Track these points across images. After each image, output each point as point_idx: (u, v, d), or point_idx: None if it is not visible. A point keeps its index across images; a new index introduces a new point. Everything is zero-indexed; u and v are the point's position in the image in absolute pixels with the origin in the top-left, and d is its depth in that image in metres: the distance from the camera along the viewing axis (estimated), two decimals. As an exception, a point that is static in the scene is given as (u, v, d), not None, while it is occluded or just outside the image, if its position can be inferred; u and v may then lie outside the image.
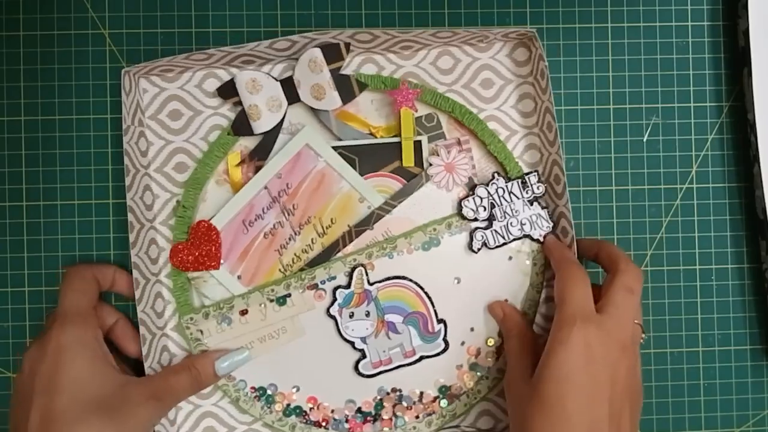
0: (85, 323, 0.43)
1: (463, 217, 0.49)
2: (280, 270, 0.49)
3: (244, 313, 0.49)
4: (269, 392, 0.49)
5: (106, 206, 0.50)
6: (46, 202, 0.49)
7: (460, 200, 0.49)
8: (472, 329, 0.50)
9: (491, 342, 0.50)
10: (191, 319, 0.48)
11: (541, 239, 0.49)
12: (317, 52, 0.47)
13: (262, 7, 0.50)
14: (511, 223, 0.49)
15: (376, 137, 0.50)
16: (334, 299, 0.49)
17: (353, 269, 0.49)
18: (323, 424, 0.49)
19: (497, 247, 0.49)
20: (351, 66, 0.50)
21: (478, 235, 0.49)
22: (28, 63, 0.49)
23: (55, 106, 0.50)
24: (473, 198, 0.49)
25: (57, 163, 0.50)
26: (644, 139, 0.51)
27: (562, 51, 0.51)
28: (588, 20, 0.51)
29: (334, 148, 0.49)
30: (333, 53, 0.48)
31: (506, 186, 0.49)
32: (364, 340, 0.49)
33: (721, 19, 0.52)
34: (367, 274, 0.49)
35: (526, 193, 0.49)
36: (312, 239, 0.49)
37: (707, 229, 0.52)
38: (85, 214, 0.50)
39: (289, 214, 0.49)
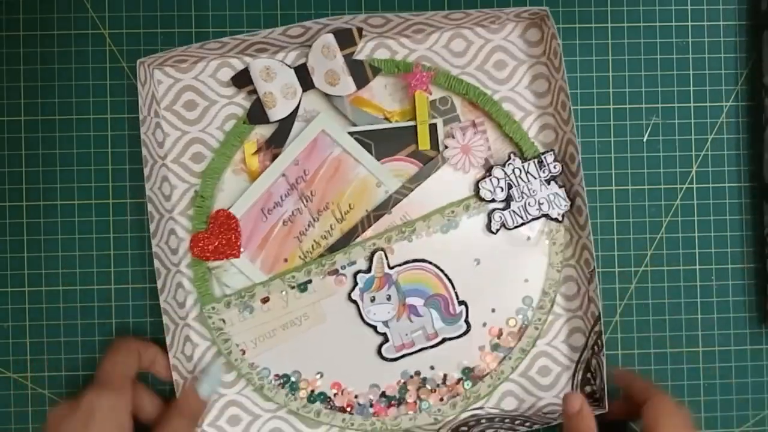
0: (120, 392, 0.44)
1: (481, 199, 0.49)
2: (300, 257, 0.49)
3: (265, 300, 0.49)
4: (293, 379, 0.50)
5: (107, 206, 0.50)
6: (46, 202, 0.49)
7: (477, 182, 0.49)
8: (493, 310, 0.50)
9: (512, 322, 0.50)
10: (213, 308, 0.48)
11: (560, 218, 0.49)
12: (330, 38, 0.48)
13: (262, 7, 0.50)
14: (528, 203, 0.49)
15: (390, 122, 0.50)
16: (355, 284, 0.49)
17: (373, 253, 0.49)
18: (348, 409, 0.49)
19: (516, 227, 0.49)
20: (364, 51, 0.50)
21: (497, 215, 0.49)
22: (28, 63, 0.49)
23: (55, 106, 0.50)
24: (490, 179, 0.49)
25: (57, 163, 0.50)
26: (644, 139, 0.51)
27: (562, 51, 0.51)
28: (588, 20, 0.52)
29: (350, 133, 0.49)
30: (346, 39, 0.48)
31: (523, 166, 0.49)
32: (386, 323, 0.49)
33: (720, 20, 0.52)
34: (387, 258, 0.49)
35: (543, 172, 0.49)
36: (331, 225, 0.49)
37: (707, 229, 0.52)
38: (85, 214, 0.50)
39: (307, 201, 0.49)
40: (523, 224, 0.49)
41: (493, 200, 0.49)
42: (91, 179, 0.50)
